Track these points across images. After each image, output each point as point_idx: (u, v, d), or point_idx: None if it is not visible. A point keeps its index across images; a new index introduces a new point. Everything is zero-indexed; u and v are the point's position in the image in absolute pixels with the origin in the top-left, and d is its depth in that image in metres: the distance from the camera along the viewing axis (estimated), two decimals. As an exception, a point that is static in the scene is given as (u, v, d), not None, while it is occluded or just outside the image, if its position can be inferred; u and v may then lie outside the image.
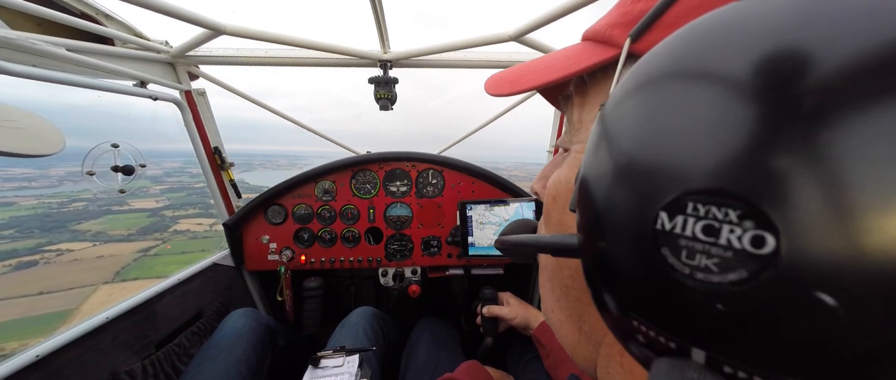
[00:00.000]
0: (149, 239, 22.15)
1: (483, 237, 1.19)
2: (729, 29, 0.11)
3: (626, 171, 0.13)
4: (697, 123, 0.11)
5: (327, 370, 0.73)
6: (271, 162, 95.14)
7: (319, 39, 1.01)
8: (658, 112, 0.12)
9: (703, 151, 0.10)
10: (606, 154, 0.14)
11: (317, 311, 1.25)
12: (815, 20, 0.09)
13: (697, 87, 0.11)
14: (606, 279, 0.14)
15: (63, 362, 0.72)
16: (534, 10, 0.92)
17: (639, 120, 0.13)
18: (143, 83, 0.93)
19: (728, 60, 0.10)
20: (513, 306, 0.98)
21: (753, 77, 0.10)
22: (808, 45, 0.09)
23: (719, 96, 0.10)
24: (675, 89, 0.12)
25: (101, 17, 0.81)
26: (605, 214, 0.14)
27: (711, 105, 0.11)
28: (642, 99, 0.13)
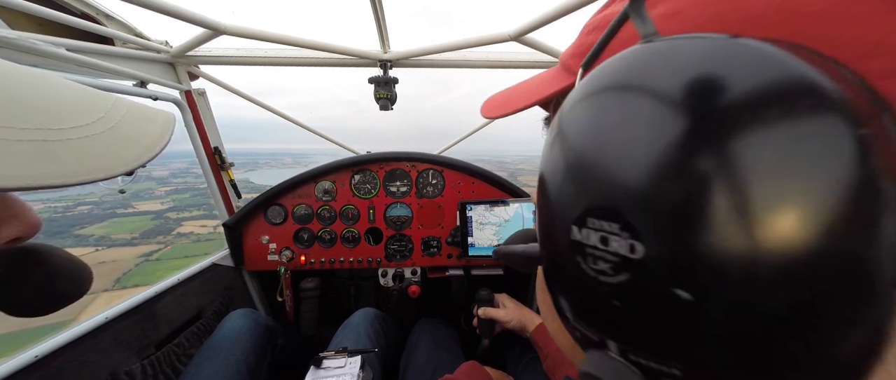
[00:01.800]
0: (152, 243, 21.73)
1: (483, 238, 1.19)
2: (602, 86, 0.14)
3: (551, 190, 0.15)
4: (595, 153, 0.13)
5: (329, 371, 0.73)
6: (276, 161, 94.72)
7: (319, 39, 1.01)
8: (566, 140, 0.15)
9: (599, 174, 0.13)
10: (543, 174, 0.16)
11: (313, 312, 1.25)
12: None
13: (592, 122, 0.14)
14: (550, 285, 0.17)
15: (63, 361, 0.72)
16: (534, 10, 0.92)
17: (557, 144, 0.15)
18: (143, 83, 0.93)
19: (634, 109, 0.13)
20: (509, 308, 0.98)
21: (629, 120, 0.12)
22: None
23: (603, 133, 0.13)
24: (578, 127, 0.14)
25: (101, 17, 0.81)
26: (543, 228, 0.16)
27: (599, 146, 0.13)
28: (565, 136, 0.15)
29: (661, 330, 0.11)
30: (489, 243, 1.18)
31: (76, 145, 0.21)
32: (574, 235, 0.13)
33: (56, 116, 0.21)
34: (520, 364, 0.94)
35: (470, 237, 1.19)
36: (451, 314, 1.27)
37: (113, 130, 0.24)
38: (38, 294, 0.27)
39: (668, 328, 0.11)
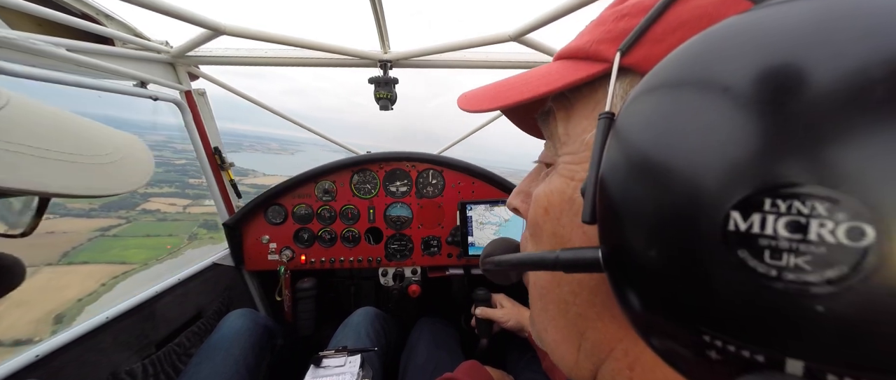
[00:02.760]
0: (112, 216, 20.65)
1: (483, 237, 1.19)
2: (783, 30, 0.11)
3: (678, 172, 0.12)
4: (765, 117, 0.10)
5: (329, 370, 0.74)
6: (261, 145, 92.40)
7: (319, 39, 1.01)
8: (712, 110, 0.12)
9: (777, 144, 0.10)
10: (644, 158, 0.13)
11: (311, 312, 1.25)
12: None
13: (761, 84, 0.11)
14: (660, 293, 0.13)
15: (63, 361, 0.72)
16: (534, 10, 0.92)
17: (688, 119, 0.12)
18: (144, 83, 0.93)
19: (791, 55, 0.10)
20: (506, 308, 0.98)
21: (826, 71, 0.10)
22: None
23: (785, 92, 0.10)
24: (731, 87, 0.11)
25: (101, 17, 0.81)
26: (653, 220, 0.13)
27: (777, 100, 0.10)
28: (686, 98, 0.13)
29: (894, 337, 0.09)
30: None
31: (108, 168, 0.30)
32: (734, 225, 0.10)
33: (85, 143, 0.30)
34: (520, 363, 0.95)
35: (470, 237, 1.20)
36: (452, 314, 1.28)
37: (122, 160, 0.33)
38: None
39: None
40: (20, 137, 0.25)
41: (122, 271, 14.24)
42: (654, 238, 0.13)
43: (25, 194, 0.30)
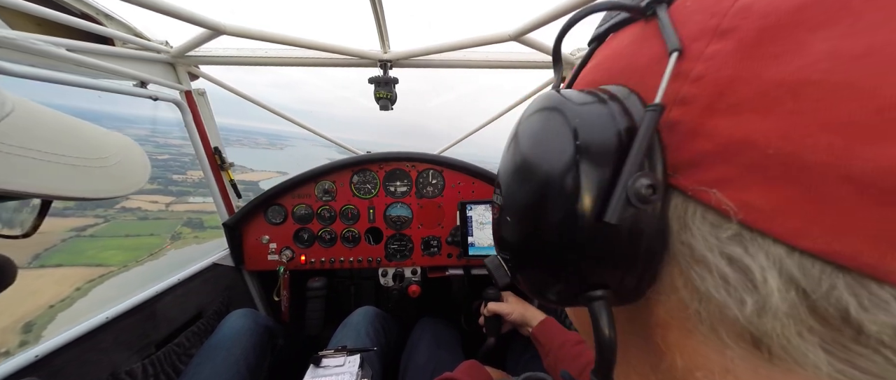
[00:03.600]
0: (89, 215, 19.71)
1: (483, 237, 1.19)
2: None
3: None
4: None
5: (329, 370, 0.74)
6: (249, 139, 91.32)
7: (319, 39, 1.01)
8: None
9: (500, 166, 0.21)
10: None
11: (320, 312, 1.24)
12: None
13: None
14: None
15: (63, 361, 0.72)
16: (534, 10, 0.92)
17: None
18: (144, 83, 0.93)
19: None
20: (511, 302, 0.98)
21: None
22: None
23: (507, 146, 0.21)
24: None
25: (101, 17, 0.81)
26: None
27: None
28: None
29: (504, 238, 0.20)
30: (489, 243, 1.18)
31: (111, 171, 0.31)
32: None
33: (88, 146, 0.31)
34: (520, 362, 0.95)
35: (470, 237, 1.20)
36: (452, 314, 1.28)
37: (120, 164, 0.33)
38: None
39: (503, 235, 0.20)
40: (27, 141, 0.25)
41: (98, 275, 13.88)
42: None
43: (33, 197, 0.31)
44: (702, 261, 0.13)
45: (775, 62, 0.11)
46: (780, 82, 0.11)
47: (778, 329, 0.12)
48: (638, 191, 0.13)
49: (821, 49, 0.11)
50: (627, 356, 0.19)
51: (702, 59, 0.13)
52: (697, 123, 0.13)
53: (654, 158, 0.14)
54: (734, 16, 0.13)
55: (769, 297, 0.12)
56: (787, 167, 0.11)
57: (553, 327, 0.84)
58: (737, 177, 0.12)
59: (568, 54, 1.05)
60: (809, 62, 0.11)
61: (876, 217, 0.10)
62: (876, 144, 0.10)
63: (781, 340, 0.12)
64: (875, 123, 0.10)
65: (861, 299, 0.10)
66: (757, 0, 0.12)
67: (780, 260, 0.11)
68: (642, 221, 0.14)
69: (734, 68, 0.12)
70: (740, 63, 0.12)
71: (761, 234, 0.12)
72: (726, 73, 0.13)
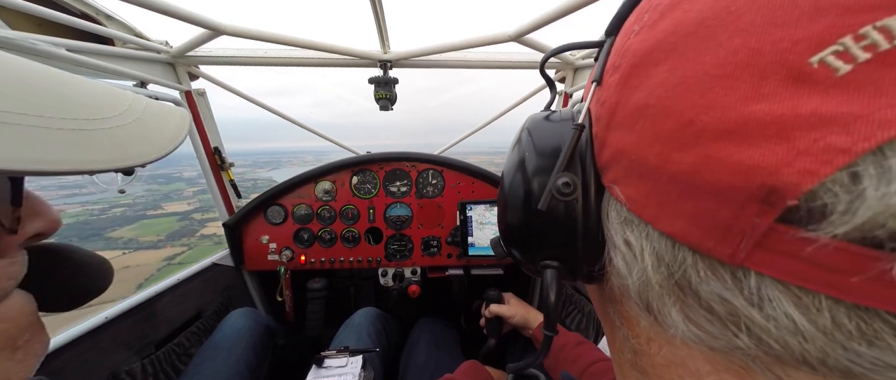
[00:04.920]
0: (176, 245, 21.10)
1: (483, 237, 1.19)
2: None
3: None
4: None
5: (331, 370, 0.74)
6: (298, 159, 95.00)
7: (319, 39, 1.01)
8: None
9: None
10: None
11: (320, 312, 1.24)
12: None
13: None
14: None
15: (63, 361, 0.72)
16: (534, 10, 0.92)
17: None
18: (144, 83, 0.93)
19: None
20: (512, 305, 0.98)
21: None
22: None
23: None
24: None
25: (101, 17, 0.81)
26: None
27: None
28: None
29: (500, 222, 0.23)
30: (489, 243, 1.18)
31: (109, 134, 0.23)
32: None
33: (89, 107, 0.23)
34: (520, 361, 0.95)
35: (470, 237, 1.20)
36: (452, 314, 1.28)
37: (139, 121, 0.25)
38: (65, 290, 0.28)
39: (501, 221, 0.23)
40: None
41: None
42: None
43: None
44: (614, 243, 0.17)
45: (635, 90, 0.15)
46: (636, 105, 0.15)
47: (657, 297, 0.15)
48: (558, 187, 0.18)
49: (657, 80, 0.14)
50: (612, 333, 0.22)
51: (606, 88, 0.17)
52: (603, 137, 0.17)
53: (585, 163, 0.18)
54: (621, 56, 0.16)
55: (646, 269, 0.15)
56: (642, 168, 0.14)
57: None
58: (622, 176, 0.16)
59: (568, 54, 1.06)
60: (650, 90, 0.14)
61: (689, 207, 0.13)
62: (681, 151, 0.12)
63: (659, 305, 0.15)
64: (680, 135, 0.13)
65: (698, 271, 0.13)
66: (633, 44, 0.16)
67: (650, 240, 0.15)
68: (574, 209, 0.18)
69: (618, 95, 0.16)
70: (620, 91, 0.16)
71: (638, 219, 0.15)
72: (614, 99, 0.16)
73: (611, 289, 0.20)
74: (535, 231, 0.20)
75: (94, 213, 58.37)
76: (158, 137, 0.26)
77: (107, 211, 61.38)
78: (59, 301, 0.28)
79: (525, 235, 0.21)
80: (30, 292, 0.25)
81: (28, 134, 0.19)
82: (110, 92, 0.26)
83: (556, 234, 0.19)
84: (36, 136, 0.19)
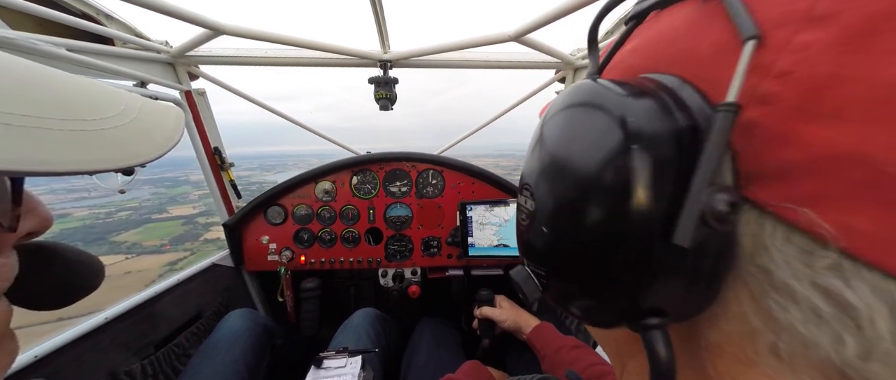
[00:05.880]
0: (180, 250, 20.94)
1: (483, 238, 1.19)
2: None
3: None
4: (528, 156, 0.20)
5: (330, 371, 0.73)
6: (304, 162, 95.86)
7: (319, 39, 1.01)
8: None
9: (527, 166, 0.19)
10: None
11: (314, 312, 1.24)
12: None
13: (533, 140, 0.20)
14: None
15: (62, 362, 0.71)
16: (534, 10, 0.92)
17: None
18: (143, 83, 0.93)
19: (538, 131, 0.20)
20: (505, 309, 0.98)
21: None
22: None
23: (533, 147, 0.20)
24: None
25: (101, 17, 0.81)
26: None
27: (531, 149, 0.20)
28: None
29: (538, 251, 0.18)
30: (489, 243, 1.18)
31: (110, 134, 0.23)
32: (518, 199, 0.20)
33: (88, 107, 0.23)
34: (519, 364, 0.95)
35: (470, 237, 1.19)
36: (452, 314, 1.27)
37: (136, 121, 0.26)
38: (56, 288, 0.28)
39: (540, 249, 0.18)
40: None
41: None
42: None
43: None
44: (784, 289, 0.12)
45: (890, 58, 0.09)
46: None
47: (886, 376, 0.10)
48: (715, 208, 0.11)
49: None
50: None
51: (788, 51, 0.11)
52: (783, 128, 0.11)
53: (722, 166, 0.12)
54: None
55: (878, 341, 0.10)
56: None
57: (548, 332, 0.83)
58: (839, 196, 0.10)
59: (568, 55, 1.05)
60: None
61: None
62: None
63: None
64: None
65: None
66: None
67: (893, 298, 0.10)
68: (710, 240, 0.12)
69: (835, 64, 0.10)
70: (844, 58, 0.10)
71: (867, 265, 0.10)
72: (823, 70, 0.10)
73: (704, 334, 0.15)
74: (640, 273, 0.13)
75: (100, 216, 58.48)
76: (156, 136, 0.27)
77: (113, 214, 61.30)
78: (50, 299, 0.28)
79: (615, 277, 0.14)
80: (21, 289, 0.25)
81: (31, 135, 0.19)
82: (107, 91, 0.26)
83: (679, 276, 0.13)
84: (39, 137, 0.19)
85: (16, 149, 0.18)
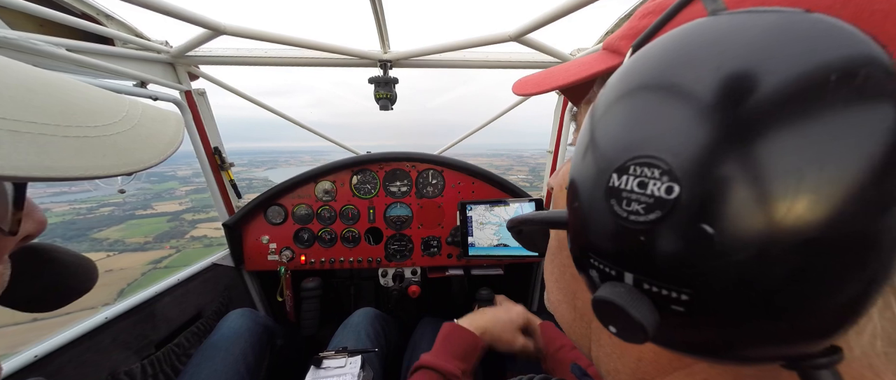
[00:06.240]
0: (164, 247, 20.39)
1: (483, 238, 1.19)
2: (682, 57, 0.14)
3: (594, 148, 0.17)
4: (646, 120, 0.14)
5: (330, 371, 0.74)
6: (295, 158, 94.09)
7: (319, 39, 1.01)
8: (625, 110, 0.15)
9: (643, 133, 0.14)
10: (586, 139, 0.18)
11: (315, 311, 1.25)
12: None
13: (646, 98, 0.15)
14: (576, 232, 0.18)
15: (62, 362, 0.72)
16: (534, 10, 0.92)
17: (612, 116, 0.16)
18: (144, 83, 0.93)
19: (684, 80, 0.13)
20: (506, 308, 0.98)
21: (697, 94, 0.13)
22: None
23: (658, 104, 0.14)
24: (637, 98, 0.15)
25: (101, 17, 0.81)
26: (580, 182, 0.17)
27: (648, 109, 0.14)
28: (619, 101, 0.16)
29: (680, 261, 0.13)
30: (489, 243, 1.18)
31: (111, 141, 0.24)
32: (612, 182, 0.15)
33: (92, 113, 0.24)
34: (518, 361, 0.95)
35: (470, 237, 1.19)
36: (452, 314, 1.27)
37: (136, 128, 0.26)
38: (49, 290, 0.28)
39: (688, 260, 0.12)
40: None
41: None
42: (578, 193, 0.17)
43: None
44: None
45: None
46: None
47: None
48: None
49: None
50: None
51: None
52: None
53: None
54: None
55: None
56: None
57: (550, 332, 0.84)
58: None
59: (568, 55, 1.05)
60: None
61: None
62: None
63: None
64: None
65: None
66: None
67: None
68: None
69: None
70: None
71: None
72: None
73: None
74: (856, 303, 0.11)
75: (81, 212, 57.56)
76: (157, 142, 0.27)
77: (94, 210, 58.40)
78: (46, 301, 0.28)
79: (823, 308, 0.11)
80: (18, 291, 0.25)
81: (37, 142, 0.19)
82: (109, 97, 0.27)
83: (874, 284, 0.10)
84: (44, 143, 0.20)
85: (23, 156, 0.18)
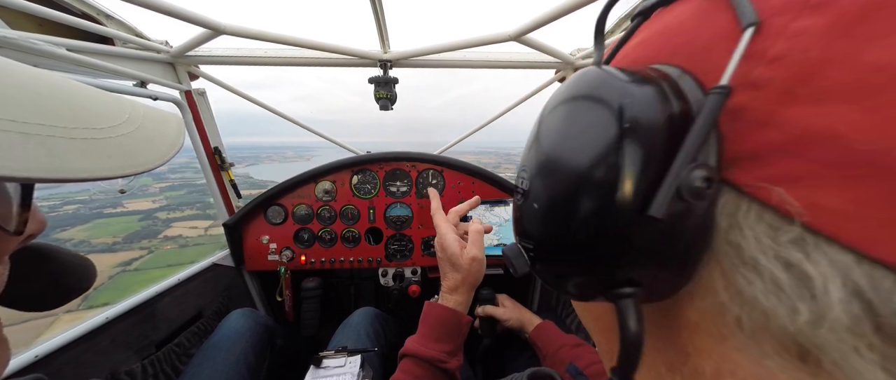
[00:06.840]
0: (135, 248, 19.46)
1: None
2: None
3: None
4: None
5: (329, 370, 0.74)
6: (278, 154, 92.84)
7: (319, 39, 1.01)
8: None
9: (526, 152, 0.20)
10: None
11: (315, 311, 1.25)
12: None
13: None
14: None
15: (62, 362, 0.72)
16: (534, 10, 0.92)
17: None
18: (144, 83, 0.93)
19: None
20: (508, 307, 0.98)
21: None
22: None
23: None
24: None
25: (101, 17, 0.81)
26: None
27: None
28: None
29: (526, 224, 0.19)
30: (489, 243, 1.18)
31: (117, 143, 0.24)
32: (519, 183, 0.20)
33: (97, 116, 0.24)
34: (519, 360, 0.95)
35: (470, 237, 1.19)
36: None
37: (140, 129, 0.27)
38: (48, 290, 0.29)
39: (527, 223, 0.18)
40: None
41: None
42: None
43: (6, 181, 0.24)
44: (751, 264, 0.12)
45: (879, 44, 0.10)
46: (884, 67, 0.10)
47: (833, 343, 0.11)
48: (691, 184, 0.12)
49: None
50: (662, 363, 0.18)
51: (784, 37, 0.11)
52: (768, 111, 0.12)
53: (708, 149, 0.13)
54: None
55: (828, 308, 0.11)
56: (874, 166, 0.10)
57: (550, 331, 0.84)
58: (808, 174, 0.11)
59: (568, 54, 1.05)
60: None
61: None
62: None
63: (835, 355, 0.11)
64: None
65: None
66: None
67: (846, 269, 0.10)
68: (686, 216, 0.13)
69: (826, 49, 0.11)
70: (835, 43, 0.10)
71: (827, 239, 0.11)
72: (815, 55, 0.11)
73: (683, 313, 0.15)
74: (618, 246, 0.14)
75: (43, 209, 56.29)
76: (160, 143, 0.28)
77: (57, 208, 54.28)
78: (45, 300, 0.28)
79: (594, 250, 0.15)
80: (19, 290, 0.26)
81: (45, 143, 0.20)
82: (112, 99, 0.28)
83: (654, 249, 0.14)
84: (52, 145, 0.20)
85: (33, 157, 0.19)
